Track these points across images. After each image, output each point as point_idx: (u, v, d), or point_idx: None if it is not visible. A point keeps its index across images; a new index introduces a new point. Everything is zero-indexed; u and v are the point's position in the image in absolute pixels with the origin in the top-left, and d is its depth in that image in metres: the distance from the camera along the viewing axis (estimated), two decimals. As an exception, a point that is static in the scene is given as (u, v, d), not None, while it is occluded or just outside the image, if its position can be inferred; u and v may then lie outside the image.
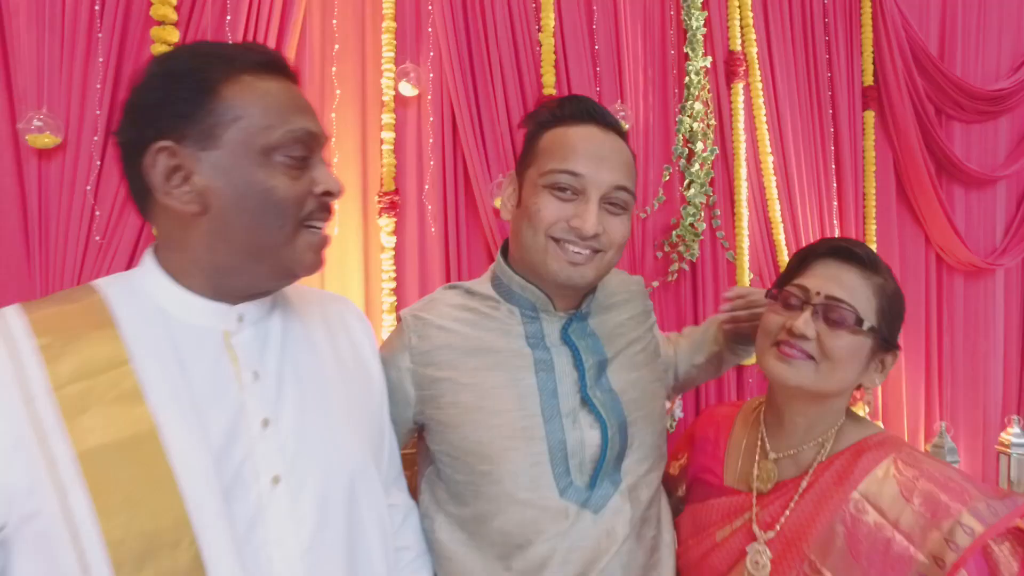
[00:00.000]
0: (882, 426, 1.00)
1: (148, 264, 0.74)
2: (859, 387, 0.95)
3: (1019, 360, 3.03)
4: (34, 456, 0.62)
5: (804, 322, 0.89)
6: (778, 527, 0.91)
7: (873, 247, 2.64)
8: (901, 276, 2.77)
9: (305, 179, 0.72)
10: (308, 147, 0.73)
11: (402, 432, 1.04)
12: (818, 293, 0.90)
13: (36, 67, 1.75)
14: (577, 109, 0.97)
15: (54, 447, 0.62)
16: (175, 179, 0.68)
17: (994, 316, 2.98)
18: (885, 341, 0.92)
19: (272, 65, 0.73)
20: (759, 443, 1.02)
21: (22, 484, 0.61)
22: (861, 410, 2.58)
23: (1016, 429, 2.31)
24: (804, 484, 0.92)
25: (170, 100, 0.68)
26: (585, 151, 0.94)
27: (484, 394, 0.96)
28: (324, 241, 0.77)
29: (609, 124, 0.98)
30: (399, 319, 1.06)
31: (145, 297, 0.72)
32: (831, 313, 0.89)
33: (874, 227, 2.69)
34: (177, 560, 0.62)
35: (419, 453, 1.11)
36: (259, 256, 0.72)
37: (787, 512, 0.92)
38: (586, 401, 0.98)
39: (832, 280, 0.91)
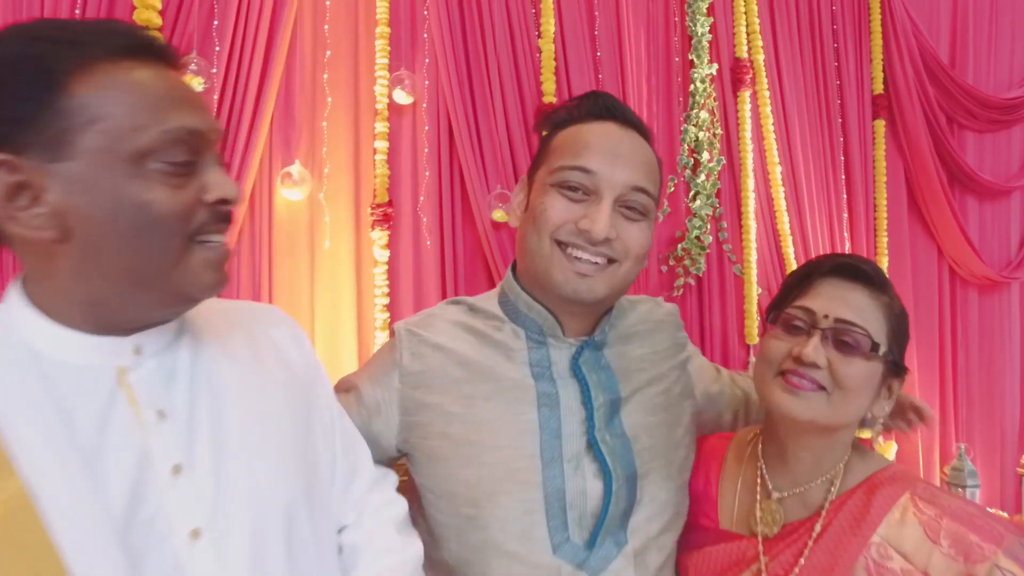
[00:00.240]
0: (889, 457, 0.92)
1: (13, 298, 0.60)
2: (867, 420, 0.87)
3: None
4: None
5: (814, 349, 0.80)
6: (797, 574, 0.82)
7: (884, 260, 2.56)
8: (913, 290, 2.69)
9: (192, 187, 0.59)
10: (193, 149, 0.59)
11: (381, 460, 0.92)
12: (826, 316, 0.81)
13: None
14: (594, 106, 0.88)
15: None
16: (20, 200, 0.54)
17: (1010, 331, 2.89)
18: (895, 365, 0.84)
19: (141, 48, 0.58)
20: (759, 481, 0.91)
21: None
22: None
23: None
24: (818, 528, 0.83)
25: (3, 100, 0.53)
26: (600, 147, 0.83)
27: (477, 427, 0.85)
28: (225, 255, 0.64)
29: (630, 121, 0.88)
30: (392, 332, 0.95)
31: (11, 337, 0.59)
32: (843, 337, 0.80)
33: (885, 239, 2.60)
34: None
35: (407, 486, 1.02)
36: (144, 284, 0.59)
37: (801, 560, 0.83)
38: (592, 445, 0.85)
39: (840, 301, 0.83)
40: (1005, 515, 2.54)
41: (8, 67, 0.53)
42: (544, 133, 0.93)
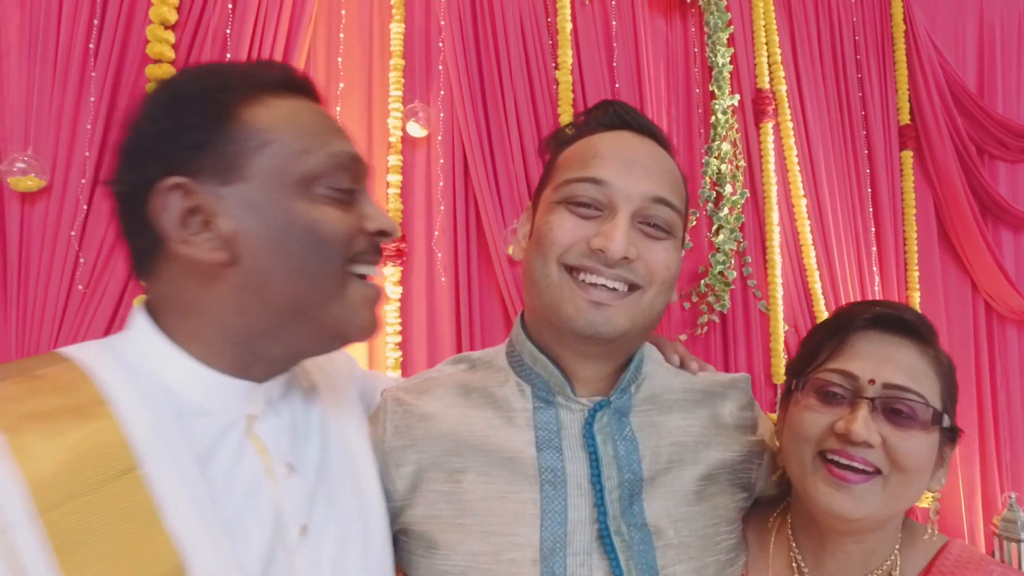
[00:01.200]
0: (941, 534, 0.77)
1: (144, 329, 0.57)
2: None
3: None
4: None
5: (864, 424, 0.65)
6: None
7: (916, 295, 2.46)
8: (947, 326, 2.58)
9: (353, 214, 0.60)
10: (354, 176, 0.60)
11: None
12: (872, 381, 0.67)
13: (24, 106, 1.67)
14: (605, 115, 0.77)
15: None
16: (193, 224, 0.54)
17: (1052, 370, 2.75)
18: (951, 430, 0.71)
19: (297, 84, 0.61)
20: (794, 568, 0.76)
21: None
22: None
23: (1095, 502, 2.05)
24: None
25: (179, 129, 0.55)
26: (613, 155, 0.71)
27: (466, 508, 0.72)
28: (379, 295, 0.64)
29: (646, 129, 0.76)
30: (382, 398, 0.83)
31: (145, 374, 0.55)
32: (897, 406, 0.66)
33: (916, 273, 2.51)
34: None
35: None
36: (303, 314, 0.57)
37: None
38: (604, 539, 0.69)
39: (888, 362, 0.68)
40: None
41: (183, 100, 0.56)
42: (549, 153, 0.81)
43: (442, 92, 2.00)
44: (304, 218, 0.56)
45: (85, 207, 1.68)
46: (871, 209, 2.48)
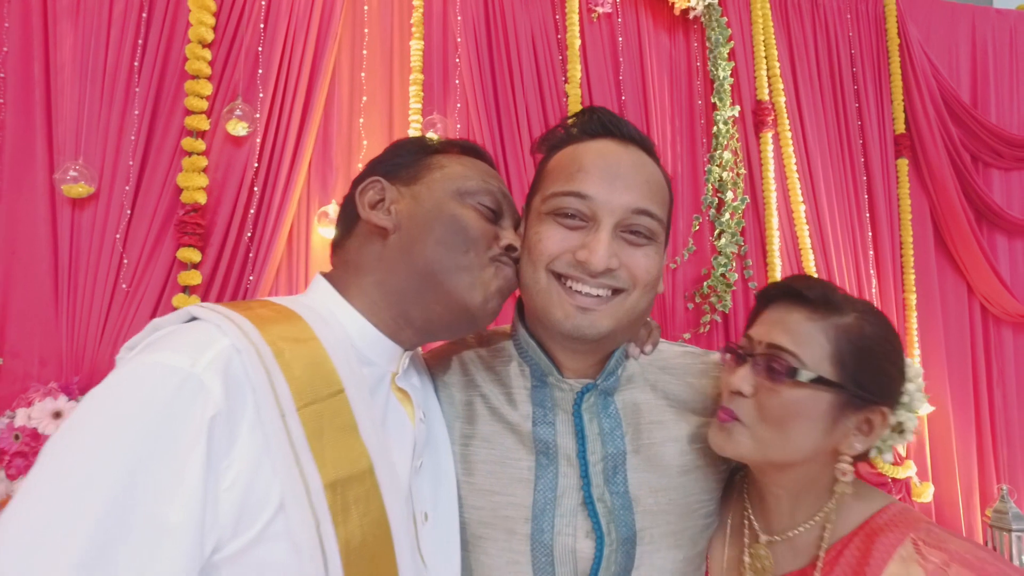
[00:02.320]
0: (886, 496, 0.83)
1: (327, 291, 0.75)
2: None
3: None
4: (289, 473, 0.58)
5: (740, 377, 0.75)
6: None
7: (913, 297, 2.55)
8: (944, 328, 2.66)
9: (492, 228, 0.77)
10: (496, 202, 0.79)
11: None
12: (760, 342, 0.76)
13: (76, 119, 1.80)
14: (590, 122, 0.80)
15: (307, 471, 0.59)
16: (380, 206, 0.76)
17: (1048, 370, 2.82)
18: (858, 396, 0.74)
19: (476, 151, 0.85)
20: (745, 524, 0.85)
21: (272, 494, 0.57)
22: (925, 491, 2.43)
23: (1084, 494, 2.13)
24: None
25: (395, 154, 0.81)
26: (596, 168, 0.75)
27: (471, 468, 0.81)
28: (511, 286, 0.79)
29: (628, 136, 0.79)
30: None
31: (335, 323, 0.71)
32: (772, 363, 0.74)
33: (913, 277, 2.59)
34: (383, 561, 0.63)
35: None
36: (437, 279, 0.73)
37: None
38: (587, 504, 0.77)
39: (777, 325, 0.76)
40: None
41: (404, 143, 0.83)
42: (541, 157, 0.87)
43: (459, 105, 2.12)
44: (450, 211, 0.74)
45: (129, 212, 1.81)
46: (868, 215, 2.57)
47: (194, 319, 0.64)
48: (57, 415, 1.63)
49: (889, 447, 0.81)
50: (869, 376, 0.75)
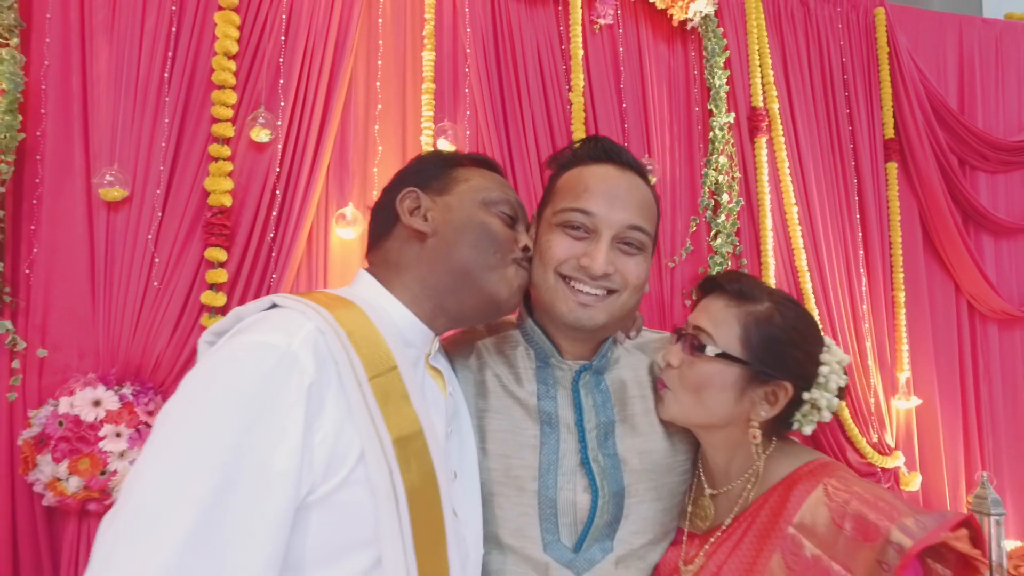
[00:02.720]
0: (815, 453, 0.96)
1: (372, 283, 0.87)
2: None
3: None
4: (367, 429, 0.72)
5: (671, 352, 0.93)
6: (724, 572, 0.89)
7: (901, 295, 2.66)
8: (932, 324, 2.77)
9: (511, 233, 0.91)
10: (513, 210, 0.92)
11: None
12: (689, 324, 0.94)
13: (111, 127, 1.91)
14: (594, 149, 0.96)
15: (380, 429, 0.72)
16: (416, 212, 0.88)
17: (1033, 366, 2.94)
18: (762, 372, 0.89)
19: (490, 164, 0.99)
20: (695, 481, 1.02)
21: (352, 447, 0.71)
22: (913, 480, 2.54)
23: (1061, 481, 2.25)
24: (743, 527, 0.90)
25: (423, 166, 0.94)
26: (599, 190, 0.91)
27: (485, 436, 0.96)
28: (525, 281, 0.93)
29: (626, 163, 0.96)
30: None
31: (381, 310, 0.83)
32: (692, 341, 0.92)
33: (901, 275, 2.70)
34: (434, 509, 0.75)
35: None
36: (469, 276, 0.87)
37: (730, 558, 0.89)
38: (583, 465, 0.93)
39: (703, 311, 0.94)
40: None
41: (429, 157, 0.97)
42: (550, 173, 1.03)
43: (468, 112, 2.23)
44: (479, 217, 0.88)
45: (160, 214, 1.93)
46: (858, 216, 2.68)
47: (275, 307, 0.77)
48: (96, 403, 1.75)
49: (811, 422, 0.94)
50: (772, 356, 0.90)
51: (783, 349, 0.90)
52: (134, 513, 0.60)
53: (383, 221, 0.92)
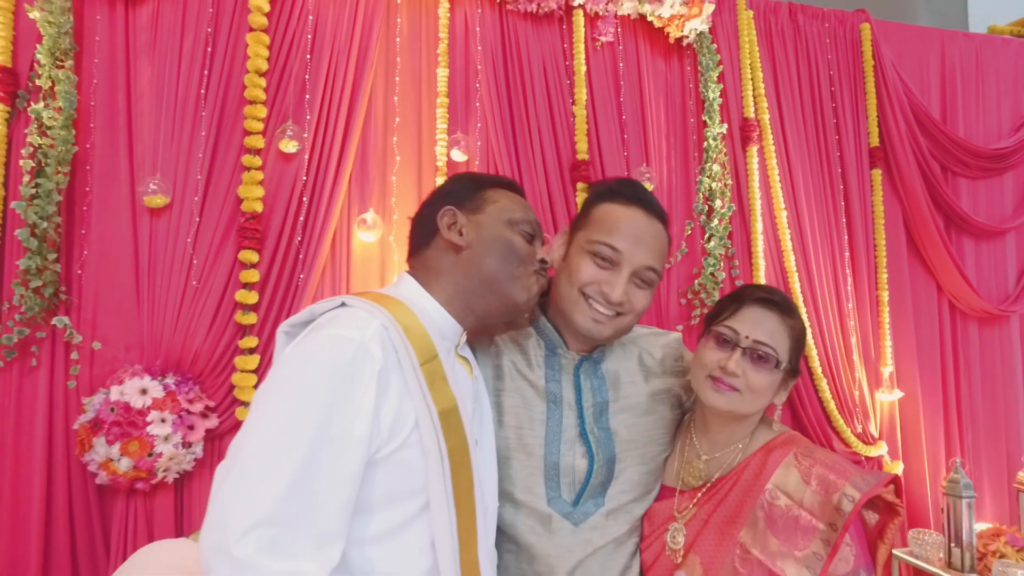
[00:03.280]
0: (785, 427, 1.19)
1: (413, 285, 1.04)
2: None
3: (1038, 404, 3.13)
4: (420, 405, 0.90)
5: (735, 363, 1.06)
6: (713, 519, 1.10)
7: (885, 294, 2.83)
8: (915, 321, 2.93)
9: (530, 249, 1.07)
10: (533, 229, 1.08)
11: None
12: (747, 336, 1.07)
13: (153, 140, 2.09)
14: (631, 192, 1.14)
15: (429, 404, 0.90)
16: (452, 227, 1.04)
17: (1012, 360, 3.10)
18: (792, 371, 1.12)
19: (515, 187, 1.14)
20: (687, 446, 1.19)
21: (409, 419, 0.90)
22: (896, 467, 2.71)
23: (1031, 467, 2.41)
24: (729, 484, 1.10)
25: (458, 187, 1.10)
26: (628, 232, 1.09)
27: (502, 410, 1.15)
28: (541, 288, 1.09)
29: (655, 211, 1.13)
30: None
31: (422, 308, 1.00)
32: (756, 354, 1.07)
33: (885, 275, 2.86)
34: (466, 468, 0.93)
35: None
36: (495, 284, 1.03)
37: (719, 507, 1.10)
38: (582, 436, 1.12)
39: (758, 325, 1.08)
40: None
41: (462, 178, 1.13)
42: (587, 196, 1.21)
43: (479, 124, 2.40)
44: (505, 234, 1.04)
45: (197, 219, 2.10)
46: (844, 220, 2.84)
47: (344, 305, 0.95)
48: (143, 392, 1.92)
49: (782, 398, 1.16)
50: (798, 358, 1.13)
51: (802, 350, 1.14)
52: (247, 467, 0.79)
53: (424, 233, 1.07)
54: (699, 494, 1.13)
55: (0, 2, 1.96)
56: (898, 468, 2.76)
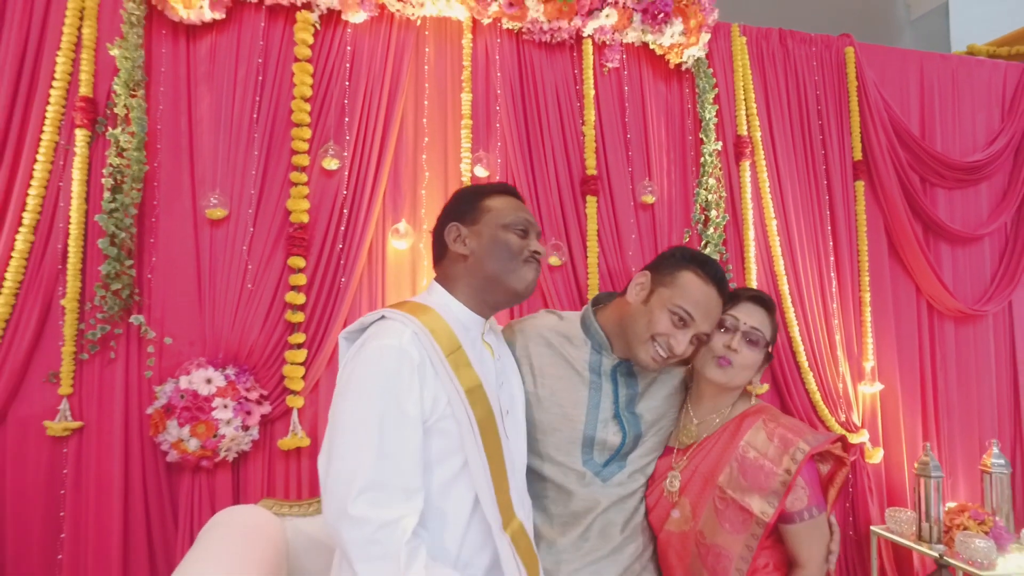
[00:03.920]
0: (760, 401, 1.50)
1: (442, 292, 1.32)
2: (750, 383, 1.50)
3: (1010, 395, 3.39)
4: (449, 387, 1.17)
5: (737, 342, 1.40)
6: (700, 469, 1.41)
7: (867, 295, 3.09)
8: (895, 321, 3.19)
9: (524, 243, 1.30)
10: (527, 226, 1.31)
11: None
12: (745, 323, 1.41)
13: (212, 159, 2.36)
14: (713, 272, 1.39)
15: (456, 384, 1.17)
16: (458, 240, 1.28)
17: (985, 356, 3.36)
18: (769, 355, 1.45)
19: (508, 190, 1.36)
20: (685, 414, 1.52)
21: (443, 398, 1.17)
22: (876, 455, 2.98)
23: (995, 451, 2.68)
24: (713, 442, 1.42)
25: (459, 202, 1.33)
26: (704, 307, 1.36)
27: (553, 391, 1.45)
28: (536, 273, 1.33)
29: (724, 292, 1.40)
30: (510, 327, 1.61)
31: (446, 309, 1.26)
32: (751, 337, 1.40)
33: (867, 278, 3.12)
34: (493, 431, 1.20)
35: None
36: (498, 280, 1.29)
37: (704, 460, 1.40)
38: (616, 418, 1.43)
39: (753, 315, 1.42)
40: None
41: (463, 194, 1.35)
42: (673, 252, 1.45)
43: (499, 143, 2.66)
44: (500, 237, 1.28)
45: (251, 229, 2.37)
46: (830, 228, 3.10)
47: (383, 318, 1.22)
48: (208, 381, 2.19)
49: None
50: (773, 345, 1.48)
51: (775, 340, 1.49)
52: (343, 452, 1.10)
53: (439, 247, 1.33)
54: (691, 450, 1.43)
55: (85, 42, 2.23)
56: (879, 454, 3.02)
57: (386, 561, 1.04)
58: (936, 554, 2.44)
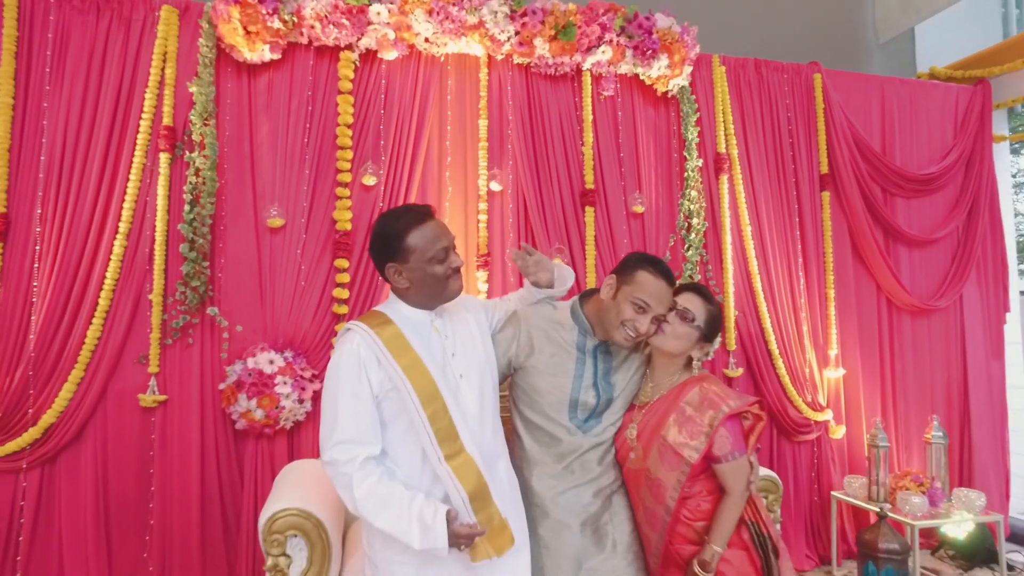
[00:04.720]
0: (704, 371, 1.89)
1: (394, 299, 1.65)
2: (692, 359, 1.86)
3: (959, 379, 3.82)
4: (391, 371, 1.51)
5: (672, 316, 1.75)
6: (650, 423, 1.80)
7: (832, 292, 3.53)
8: (857, 314, 3.63)
9: (446, 263, 1.59)
10: (447, 251, 1.59)
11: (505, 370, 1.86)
12: (679, 304, 1.77)
13: (271, 176, 2.80)
14: (663, 270, 1.72)
15: (395, 365, 1.52)
16: (398, 276, 1.58)
17: (939, 345, 3.80)
18: (705, 336, 1.79)
19: (421, 218, 1.58)
20: (644, 379, 1.88)
21: (386, 380, 1.54)
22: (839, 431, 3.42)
23: (935, 425, 3.12)
24: (662, 401, 1.79)
25: (387, 244, 1.57)
26: (658, 296, 1.70)
27: (547, 364, 1.81)
28: (459, 286, 1.64)
29: (671, 283, 1.74)
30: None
31: (397, 313, 1.62)
32: (684, 315, 1.76)
33: (832, 277, 3.56)
34: (438, 402, 1.57)
35: (511, 389, 1.98)
36: (433, 296, 1.62)
37: (655, 416, 1.77)
38: (594, 386, 1.81)
39: (688, 301, 1.78)
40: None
41: (384, 235, 1.59)
42: (631, 258, 1.78)
43: (511, 161, 3.10)
44: (429, 271, 1.56)
45: (304, 236, 2.81)
46: (799, 232, 3.53)
47: (348, 329, 1.61)
48: (271, 362, 2.64)
49: (710, 356, 1.93)
50: (711, 330, 1.81)
51: (715, 327, 1.83)
52: (324, 418, 1.54)
53: (384, 276, 1.61)
54: (646, 408, 1.85)
55: (167, 80, 2.68)
56: (841, 431, 3.46)
57: (349, 487, 1.49)
58: (878, 508, 2.88)
